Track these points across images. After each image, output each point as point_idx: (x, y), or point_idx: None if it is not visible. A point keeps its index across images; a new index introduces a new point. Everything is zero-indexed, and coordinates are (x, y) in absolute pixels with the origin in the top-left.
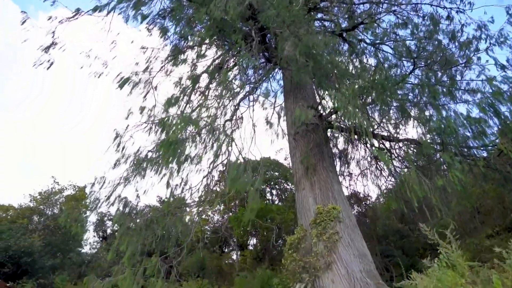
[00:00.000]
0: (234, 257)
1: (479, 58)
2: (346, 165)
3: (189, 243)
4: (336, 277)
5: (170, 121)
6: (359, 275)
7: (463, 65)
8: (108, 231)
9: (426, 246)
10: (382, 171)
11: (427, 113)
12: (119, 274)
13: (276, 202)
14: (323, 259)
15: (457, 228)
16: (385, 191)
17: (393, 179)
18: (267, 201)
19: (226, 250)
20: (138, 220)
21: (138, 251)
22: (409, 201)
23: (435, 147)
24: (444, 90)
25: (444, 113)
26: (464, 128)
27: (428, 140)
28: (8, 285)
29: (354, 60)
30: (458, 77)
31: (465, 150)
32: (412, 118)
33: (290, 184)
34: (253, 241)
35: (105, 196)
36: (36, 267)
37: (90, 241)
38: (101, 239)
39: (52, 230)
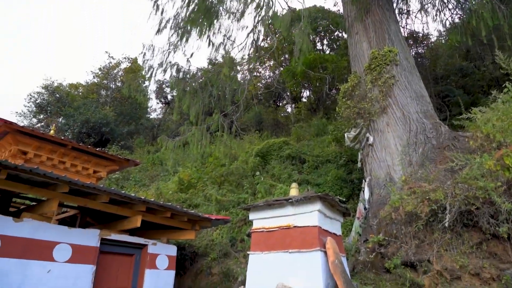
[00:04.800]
0: (289, 110)
1: None
2: (405, 1)
3: (244, 100)
4: (391, 120)
5: None
6: (415, 116)
7: None
8: (169, 97)
9: (492, 82)
10: (448, 3)
11: None
12: (186, 133)
13: (328, 53)
14: (378, 103)
15: None
16: (449, 26)
17: (459, 11)
18: (319, 51)
19: (280, 104)
20: (193, 84)
21: (201, 111)
22: (476, 34)
23: None
24: None
25: None
26: None
27: None
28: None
29: None
30: None
31: None
32: None
33: (342, 32)
34: (306, 93)
35: (158, 63)
36: (115, 134)
37: (155, 107)
38: (164, 104)
39: (120, 101)
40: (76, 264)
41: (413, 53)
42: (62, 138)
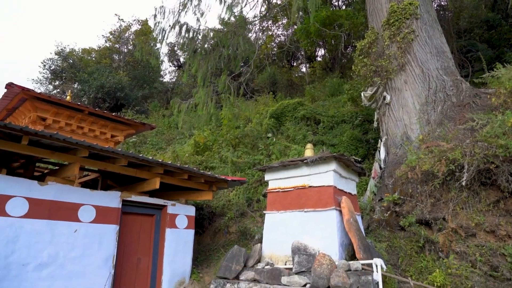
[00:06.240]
0: (304, 69)
1: None
2: None
3: (256, 60)
4: (410, 77)
5: None
6: (435, 73)
7: None
8: (181, 59)
9: None
10: None
11: None
12: (196, 93)
13: (344, 8)
14: (396, 61)
15: None
16: None
17: None
18: (333, 8)
19: (294, 64)
20: (205, 46)
21: (209, 72)
22: None
23: None
24: None
25: None
26: None
27: None
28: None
29: None
30: None
31: None
32: None
33: None
34: (321, 52)
35: (169, 25)
36: (130, 99)
37: (168, 70)
38: (176, 67)
39: (133, 65)
40: (100, 224)
41: (435, 5)
42: (79, 103)
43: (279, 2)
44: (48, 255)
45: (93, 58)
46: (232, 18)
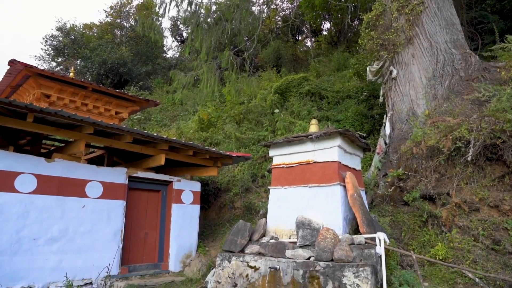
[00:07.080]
0: (309, 44)
1: None
2: None
3: (260, 35)
4: (417, 51)
5: None
6: (444, 46)
7: None
8: (184, 34)
9: None
10: None
11: None
12: (198, 68)
13: None
14: (403, 34)
15: None
16: None
17: None
18: None
19: (299, 38)
20: (208, 19)
21: (212, 47)
22: None
23: None
24: None
25: None
26: None
27: None
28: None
29: None
30: None
31: None
32: None
33: None
34: (327, 25)
35: None
36: (133, 75)
37: (171, 46)
38: (179, 43)
39: (135, 40)
40: (107, 200)
41: None
42: (82, 80)
43: None
44: (58, 230)
45: (95, 34)
46: None
